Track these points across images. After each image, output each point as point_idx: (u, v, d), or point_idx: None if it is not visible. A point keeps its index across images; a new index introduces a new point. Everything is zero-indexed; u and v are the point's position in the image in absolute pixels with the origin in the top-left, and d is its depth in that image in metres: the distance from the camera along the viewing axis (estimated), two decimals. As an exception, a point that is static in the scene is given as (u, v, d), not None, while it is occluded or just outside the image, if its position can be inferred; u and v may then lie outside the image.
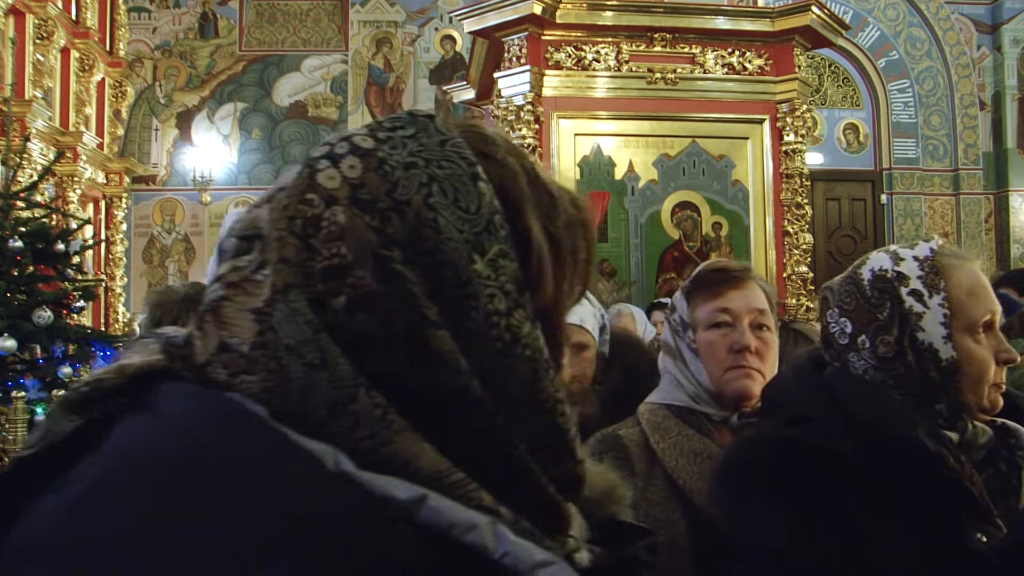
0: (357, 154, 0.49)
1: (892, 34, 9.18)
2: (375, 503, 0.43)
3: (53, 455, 0.47)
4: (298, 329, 0.45)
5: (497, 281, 0.48)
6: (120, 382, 0.49)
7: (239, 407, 0.45)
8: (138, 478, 0.42)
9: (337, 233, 0.46)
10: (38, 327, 3.29)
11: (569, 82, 4.88)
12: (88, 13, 7.83)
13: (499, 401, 0.47)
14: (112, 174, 8.29)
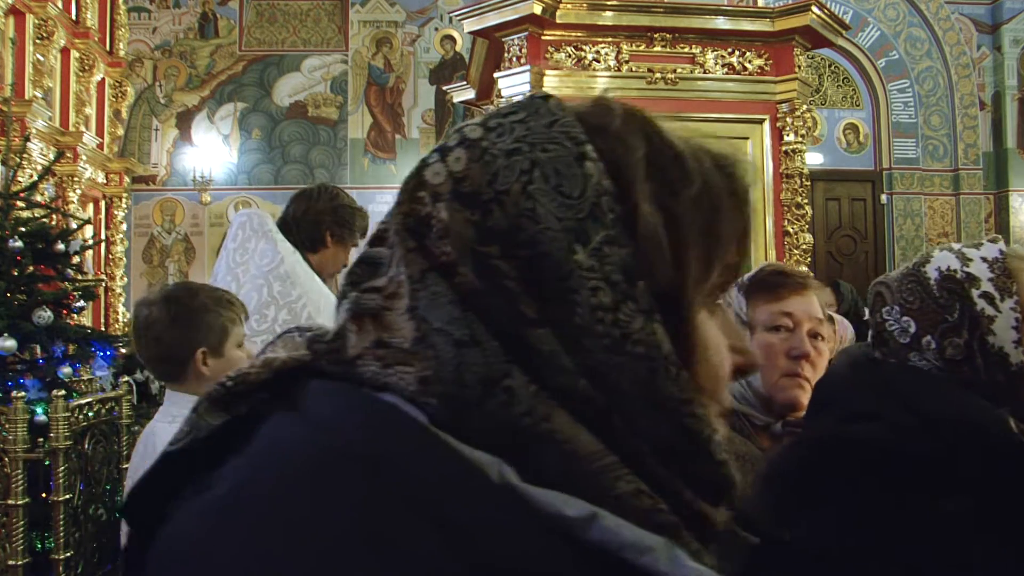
0: (464, 145, 0.47)
1: (892, 34, 9.18)
2: (543, 520, 0.40)
3: (199, 451, 0.46)
4: (443, 310, 0.44)
5: (601, 272, 0.44)
6: (265, 377, 0.48)
7: (394, 409, 0.43)
8: (285, 482, 0.40)
9: (442, 231, 0.45)
10: (38, 327, 3.29)
11: (569, 82, 4.88)
12: (88, 13, 7.83)
13: (614, 401, 0.44)
14: (112, 174, 8.29)
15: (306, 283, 2.13)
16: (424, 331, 0.44)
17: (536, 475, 0.42)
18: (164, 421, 1.68)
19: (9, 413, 2.58)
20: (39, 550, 2.68)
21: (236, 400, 0.47)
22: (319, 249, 2.30)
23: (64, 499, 2.59)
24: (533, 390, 0.42)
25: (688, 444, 0.46)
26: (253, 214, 2.23)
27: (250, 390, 0.47)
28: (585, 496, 0.41)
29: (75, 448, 2.68)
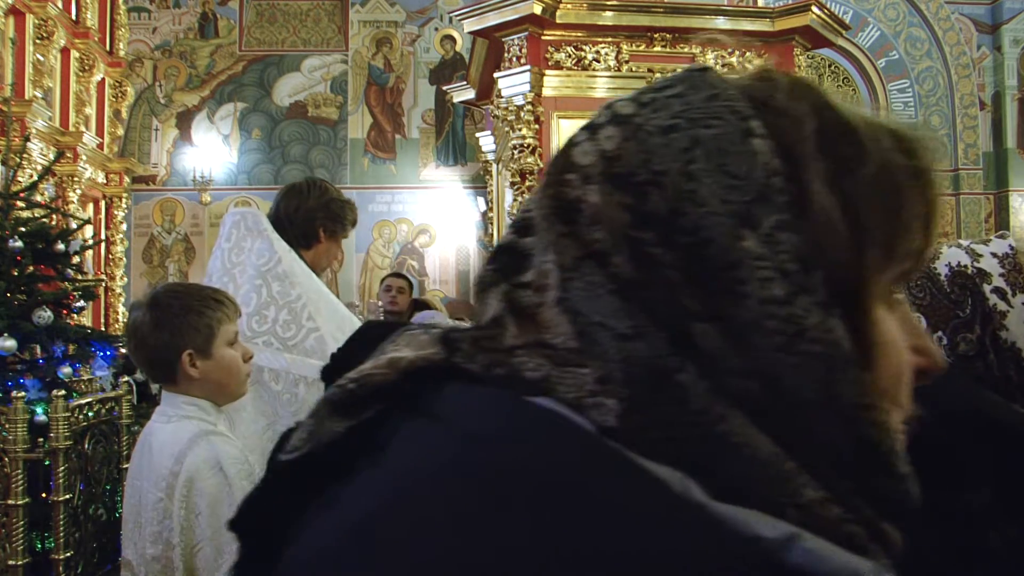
0: (615, 123, 0.43)
1: (892, 34, 9.18)
2: (740, 542, 0.35)
3: (321, 458, 0.42)
4: (602, 301, 0.40)
5: (773, 260, 0.39)
6: (392, 379, 0.44)
7: (558, 418, 0.39)
8: (438, 498, 0.36)
9: (594, 215, 0.41)
10: (38, 327, 3.29)
11: (569, 82, 4.88)
12: (88, 13, 7.84)
13: (786, 405, 0.39)
14: (112, 174, 8.29)
15: (305, 282, 2.13)
16: (581, 325, 0.40)
17: (715, 483, 0.37)
18: (160, 421, 1.68)
19: (9, 413, 2.58)
20: (39, 550, 2.68)
21: (360, 404, 0.44)
22: (313, 245, 2.29)
23: (64, 499, 2.59)
24: (705, 386, 0.38)
25: (867, 455, 0.41)
26: (247, 213, 2.22)
27: (375, 393, 0.44)
28: (766, 506, 0.37)
29: (75, 448, 2.68)
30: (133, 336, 1.64)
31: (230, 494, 1.53)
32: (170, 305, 1.64)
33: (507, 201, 5.04)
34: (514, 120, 4.76)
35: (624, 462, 0.36)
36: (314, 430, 0.44)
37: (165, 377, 1.67)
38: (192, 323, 1.65)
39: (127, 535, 1.68)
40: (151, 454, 1.63)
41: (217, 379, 1.68)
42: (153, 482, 1.57)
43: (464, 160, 8.99)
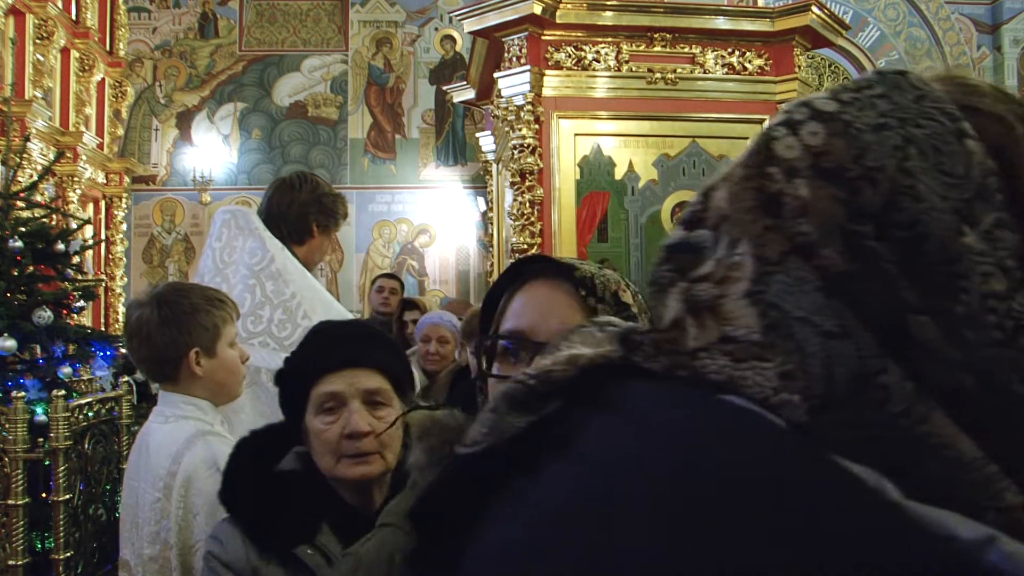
0: (819, 119, 0.44)
1: (892, 34, 9.18)
2: (936, 541, 0.34)
3: (501, 452, 0.44)
4: (808, 297, 0.40)
5: (993, 256, 0.39)
6: (571, 375, 0.45)
7: (751, 415, 0.39)
8: (634, 492, 0.36)
9: (800, 208, 0.42)
10: (38, 327, 3.29)
11: (569, 82, 4.88)
12: (88, 13, 7.84)
13: (999, 402, 0.39)
14: (112, 174, 8.29)
15: (299, 280, 2.11)
16: (774, 319, 0.41)
17: (911, 483, 0.37)
18: (157, 422, 1.68)
19: (9, 413, 2.58)
20: (39, 550, 2.68)
21: (539, 400, 0.45)
22: (306, 240, 2.27)
23: (64, 499, 2.59)
24: (910, 387, 0.38)
25: None
26: (237, 211, 2.21)
27: (554, 389, 0.45)
28: (965, 508, 0.36)
29: (75, 448, 2.68)
30: (138, 333, 1.64)
31: None
32: (178, 303, 1.64)
33: (507, 201, 5.04)
34: (514, 120, 4.76)
35: (819, 458, 0.36)
36: (495, 425, 0.45)
37: (167, 375, 1.67)
38: (200, 322, 1.65)
39: (125, 536, 1.68)
40: (148, 454, 1.63)
41: (220, 379, 1.68)
42: (150, 482, 1.57)
43: (464, 160, 8.99)
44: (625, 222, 4.96)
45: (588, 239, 4.90)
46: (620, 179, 4.96)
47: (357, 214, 8.85)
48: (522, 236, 4.70)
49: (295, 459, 1.37)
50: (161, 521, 1.55)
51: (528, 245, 4.69)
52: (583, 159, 4.93)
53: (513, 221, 4.77)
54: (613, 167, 4.96)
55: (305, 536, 1.25)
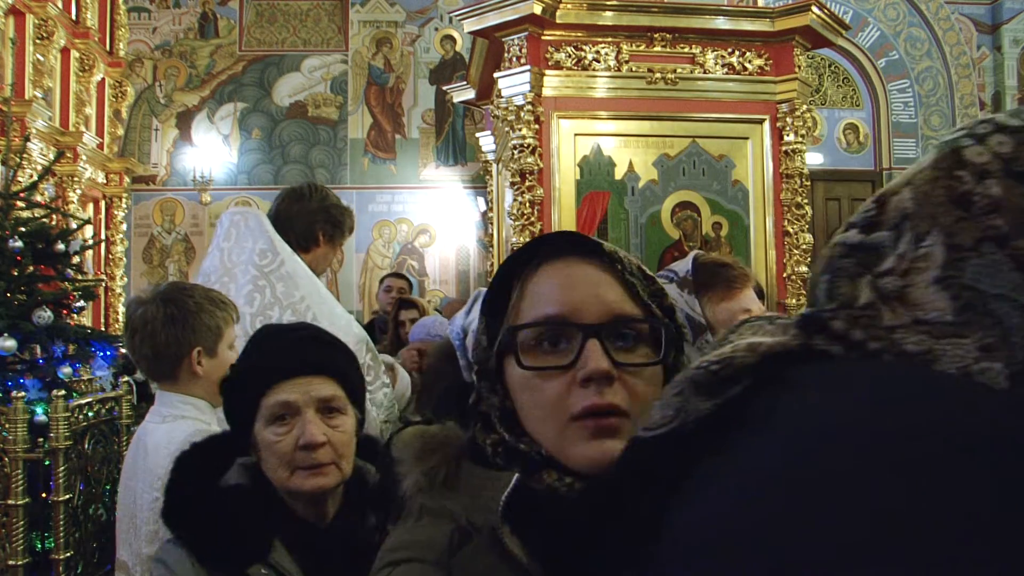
0: (1005, 132, 0.50)
1: (892, 34, 9.18)
2: None
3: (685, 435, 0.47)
4: (1004, 276, 0.45)
5: None
6: (751, 361, 0.48)
7: (955, 379, 0.42)
8: (847, 453, 0.38)
9: (991, 205, 0.47)
10: (38, 327, 3.29)
11: (569, 82, 4.88)
12: (88, 13, 7.83)
13: None
14: (112, 174, 8.29)
15: (307, 285, 2.13)
16: (969, 299, 0.45)
17: None
18: (154, 421, 1.67)
19: (9, 413, 2.58)
20: (39, 550, 2.68)
21: (723, 384, 0.48)
22: (312, 249, 2.30)
23: (64, 499, 2.59)
24: None
25: None
26: (248, 213, 2.22)
27: (737, 375, 0.48)
28: None
29: (75, 448, 2.68)
30: (142, 329, 1.64)
31: None
32: (184, 302, 1.65)
33: (507, 201, 5.04)
34: (514, 120, 4.76)
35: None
36: (681, 407, 0.49)
37: (167, 373, 1.67)
38: (204, 321, 1.66)
39: (122, 536, 1.67)
40: (146, 454, 1.62)
41: (218, 379, 1.69)
42: (149, 482, 1.57)
43: (464, 160, 8.99)
44: (625, 222, 4.96)
45: (588, 239, 4.89)
46: (620, 179, 4.96)
47: (357, 214, 8.83)
48: (522, 236, 4.70)
49: (240, 472, 1.28)
50: (159, 520, 1.55)
51: (528, 245, 4.68)
52: (583, 159, 4.93)
53: (513, 221, 4.77)
54: (613, 167, 4.96)
55: (257, 554, 1.18)
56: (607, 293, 0.77)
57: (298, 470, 1.22)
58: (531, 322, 0.76)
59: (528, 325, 0.76)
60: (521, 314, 0.79)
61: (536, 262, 0.81)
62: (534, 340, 0.76)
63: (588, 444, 0.70)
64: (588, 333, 0.73)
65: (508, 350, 0.78)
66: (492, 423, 0.79)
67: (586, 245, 0.81)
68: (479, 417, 0.81)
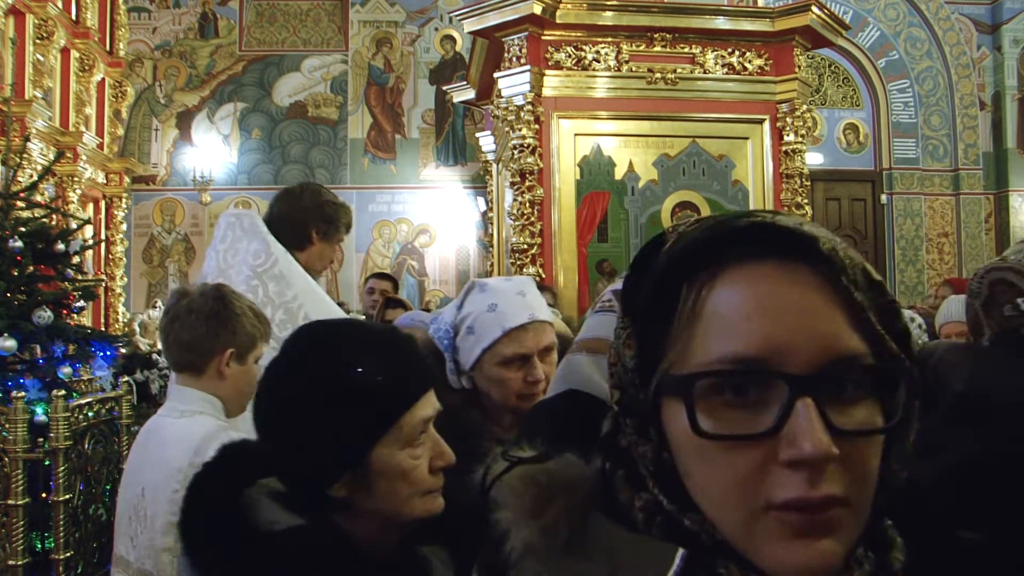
0: None
1: (892, 34, 9.18)
2: None
3: None
4: None
5: None
6: None
7: None
8: None
9: None
10: (38, 327, 3.29)
11: (569, 82, 4.88)
12: (88, 13, 7.83)
13: None
14: (112, 174, 8.29)
15: (300, 283, 2.13)
16: None
17: None
18: (171, 416, 1.68)
19: (9, 413, 2.58)
20: (39, 550, 2.68)
21: None
22: (306, 247, 2.30)
23: (64, 499, 2.59)
24: None
25: None
26: (243, 214, 2.23)
27: None
28: None
29: (75, 448, 2.68)
30: (185, 316, 1.65)
31: None
32: (231, 303, 1.67)
33: (507, 201, 5.04)
34: (514, 120, 4.76)
35: None
36: None
37: (194, 365, 1.67)
38: (245, 327, 1.68)
39: (122, 531, 1.67)
40: (162, 447, 1.62)
41: (240, 387, 1.70)
42: (167, 475, 1.57)
43: (464, 160, 8.99)
44: (625, 222, 4.96)
45: (588, 239, 4.90)
46: (620, 179, 4.96)
47: (357, 214, 8.85)
48: (522, 236, 4.70)
49: (275, 506, 0.97)
50: (179, 512, 1.55)
51: (528, 245, 4.69)
52: (583, 159, 4.93)
53: (513, 221, 4.77)
54: (613, 167, 4.96)
55: None
56: (825, 323, 0.53)
57: (428, 494, 1.02)
58: (714, 369, 0.52)
59: (708, 374, 0.52)
60: (694, 343, 0.54)
61: (716, 264, 0.55)
62: (713, 387, 0.53)
63: (791, 545, 0.50)
64: (799, 390, 0.51)
65: (672, 394, 0.55)
66: (642, 477, 0.59)
67: (793, 241, 0.55)
68: (618, 458, 0.61)
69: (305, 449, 0.96)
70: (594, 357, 1.09)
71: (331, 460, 0.96)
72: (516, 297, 1.50)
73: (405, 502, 1.00)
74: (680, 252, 0.57)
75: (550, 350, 1.51)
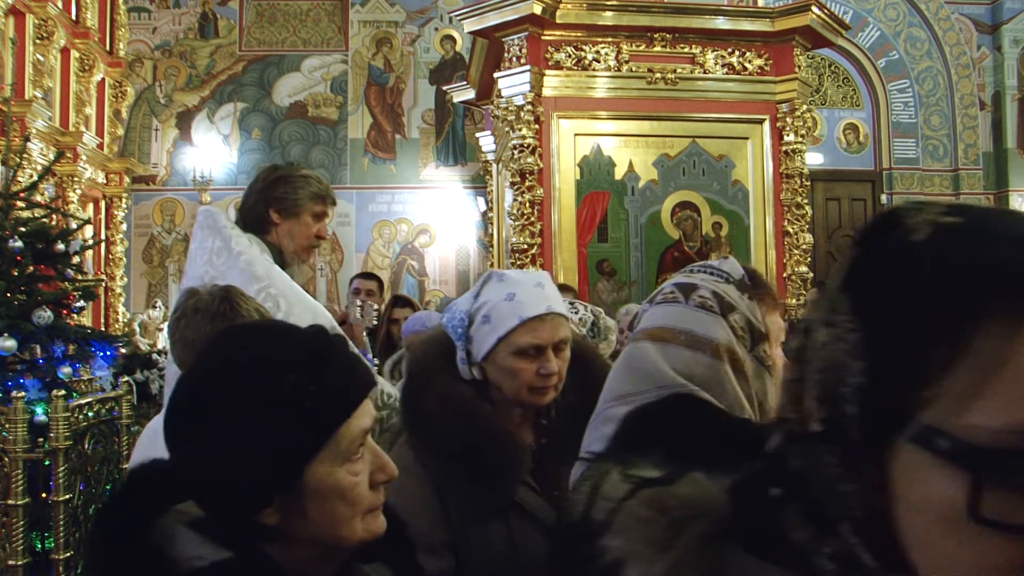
0: None
1: (892, 34, 9.18)
2: None
3: None
4: None
5: None
6: None
7: None
8: None
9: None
10: (38, 327, 3.29)
11: (569, 82, 4.88)
12: (88, 13, 7.83)
13: None
14: (112, 174, 8.29)
15: (264, 277, 2.05)
16: None
17: None
18: None
19: (9, 413, 2.58)
20: (39, 550, 2.68)
21: None
22: (270, 229, 2.24)
23: (64, 499, 2.59)
24: None
25: None
26: (208, 212, 2.19)
27: None
28: None
29: (75, 448, 2.68)
30: (192, 315, 1.65)
31: None
32: (238, 305, 1.67)
33: (507, 201, 5.04)
34: (514, 120, 4.76)
35: None
36: None
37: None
38: None
39: None
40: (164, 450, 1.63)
41: None
42: None
43: (464, 160, 8.99)
44: (625, 222, 4.96)
45: (588, 239, 4.90)
46: (620, 179, 4.96)
47: (357, 214, 8.86)
48: (522, 236, 4.70)
49: (195, 536, 0.83)
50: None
51: (528, 245, 4.69)
52: (583, 159, 4.93)
53: (513, 221, 4.77)
54: (613, 167, 4.96)
55: None
56: None
57: (369, 513, 0.91)
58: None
59: (1014, 453, 0.40)
60: (988, 397, 0.41)
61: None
62: (1015, 466, 0.40)
63: None
64: None
65: (929, 448, 0.42)
66: (834, 519, 0.47)
67: None
68: (793, 486, 0.50)
69: (228, 470, 0.82)
70: (660, 345, 1.08)
71: (259, 482, 0.83)
72: (535, 288, 1.48)
73: (346, 524, 0.88)
74: (978, 270, 0.43)
75: (565, 344, 1.49)
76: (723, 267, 1.16)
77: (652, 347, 1.09)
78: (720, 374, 1.05)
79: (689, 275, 1.17)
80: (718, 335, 1.07)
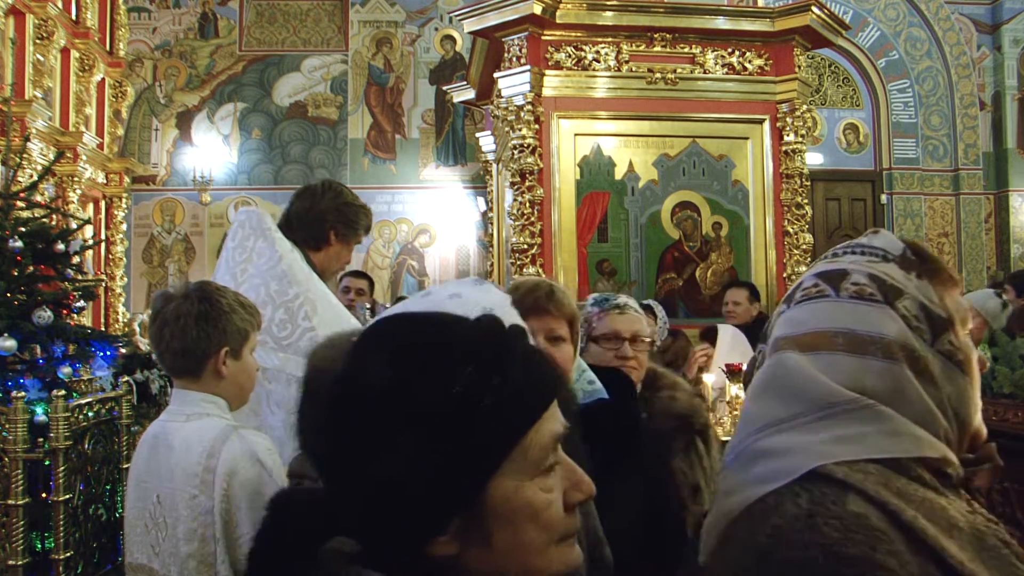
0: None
1: (892, 34, 9.18)
2: None
3: None
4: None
5: None
6: None
7: None
8: None
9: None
10: (38, 327, 3.28)
11: (569, 82, 4.88)
12: (88, 13, 7.83)
13: None
14: (112, 174, 8.29)
15: (304, 282, 2.12)
16: None
17: None
18: (177, 420, 1.67)
19: (9, 413, 2.58)
20: (39, 550, 2.68)
21: None
22: (323, 247, 2.28)
23: (64, 499, 2.59)
24: None
25: None
26: (252, 212, 2.23)
27: None
28: None
29: (75, 448, 2.68)
30: (174, 323, 1.64)
31: (271, 483, 1.53)
32: (218, 301, 1.66)
33: (507, 201, 5.04)
34: (514, 120, 4.76)
35: None
36: None
37: (191, 370, 1.67)
38: (235, 323, 1.67)
39: (137, 540, 1.65)
40: (171, 453, 1.62)
41: (240, 381, 1.70)
42: (183, 480, 1.57)
43: (464, 160, 8.99)
44: (625, 222, 4.96)
45: (588, 239, 4.90)
46: (620, 179, 4.96)
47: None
48: (522, 236, 4.70)
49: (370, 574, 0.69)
50: (199, 517, 1.54)
51: (528, 245, 4.69)
52: (583, 159, 4.93)
53: (513, 221, 4.77)
54: (613, 167, 4.96)
55: None
56: None
57: (564, 540, 0.74)
58: None
59: None
60: None
61: None
62: None
63: None
64: None
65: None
66: None
67: None
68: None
69: (396, 492, 0.66)
70: (813, 355, 0.84)
71: (434, 501, 0.67)
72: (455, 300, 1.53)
73: (539, 554, 0.71)
74: None
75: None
76: (875, 243, 0.91)
77: (803, 359, 0.84)
78: (899, 379, 0.81)
79: (834, 259, 0.91)
80: (887, 330, 0.82)
